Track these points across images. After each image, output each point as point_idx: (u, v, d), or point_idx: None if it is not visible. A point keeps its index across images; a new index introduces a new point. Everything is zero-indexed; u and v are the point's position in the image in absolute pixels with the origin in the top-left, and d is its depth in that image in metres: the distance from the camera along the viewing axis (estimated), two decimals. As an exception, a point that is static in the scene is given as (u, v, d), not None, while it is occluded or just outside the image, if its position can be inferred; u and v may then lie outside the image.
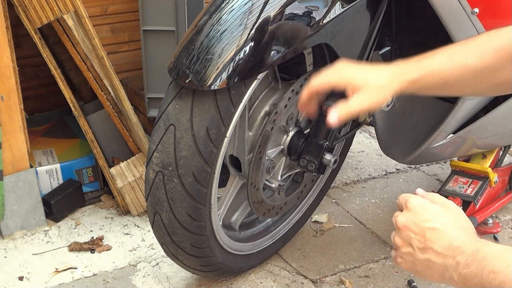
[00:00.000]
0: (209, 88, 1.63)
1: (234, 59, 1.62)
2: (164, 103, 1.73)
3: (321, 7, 1.71)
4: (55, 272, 2.15)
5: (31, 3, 2.16)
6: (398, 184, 2.70)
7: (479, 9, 1.80)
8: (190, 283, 2.11)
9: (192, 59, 1.65)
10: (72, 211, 2.45)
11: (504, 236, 2.34)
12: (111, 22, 2.74)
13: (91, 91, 2.41)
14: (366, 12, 1.83)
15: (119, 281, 2.11)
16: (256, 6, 1.66)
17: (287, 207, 2.12)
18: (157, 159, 1.73)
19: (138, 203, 2.42)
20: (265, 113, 1.87)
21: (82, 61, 2.30)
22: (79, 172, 2.51)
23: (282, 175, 2.02)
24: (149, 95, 2.56)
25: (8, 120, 2.19)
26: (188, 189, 1.72)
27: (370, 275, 2.16)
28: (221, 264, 1.98)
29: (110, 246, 2.27)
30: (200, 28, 1.69)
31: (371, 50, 1.90)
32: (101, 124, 2.47)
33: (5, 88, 2.16)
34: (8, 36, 2.14)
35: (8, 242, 2.28)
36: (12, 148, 2.22)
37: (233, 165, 1.93)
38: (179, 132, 1.68)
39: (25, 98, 2.30)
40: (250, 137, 1.87)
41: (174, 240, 1.83)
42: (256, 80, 1.71)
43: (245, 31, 1.64)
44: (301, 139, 1.93)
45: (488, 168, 2.30)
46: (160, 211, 1.78)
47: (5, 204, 2.25)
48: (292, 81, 1.90)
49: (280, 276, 2.16)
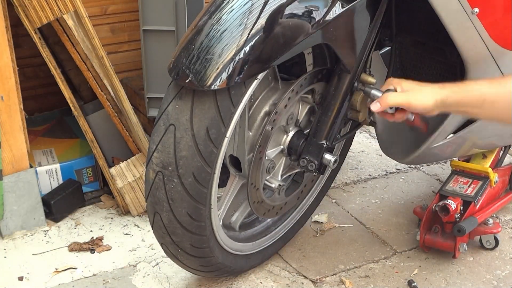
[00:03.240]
0: (209, 88, 1.63)
1: (234, 59, 1.62)
2: (164, 103, 1.73)
3: (321, 7, 1.71)
4: (55, 272, 2.15)
5: (31, 3, 2.16)
6: (398, 184, 2.70)
7: (479, 9, 1.80)
8: (190, 283, 2.11)
9: (192, 59, 1.65)
10: (72, 211, 2.45)
11: (504, 236, 2.34)
12: (111, 22, 2.74)
13: (91, 91, 2.41)
14: (366, 12, 1.83)
15: (119, 281, 2.11)
16: (256, 6, 1.66)
17: (287, 207, 2.12)
18: (157, 159, 1.73)
19: (138, 203, 2.42)
20: (265, 113, 1.87)
21: (82, 61, 2.30)
22: (79, 172, 2.51)
23: (282, 175, 2.02)
24: (149, 95, 2.56)
25: (8, 120, 2.19)
26: (188, 189, 1.72)
27: (370, 275, 2.16)
28: (221, 264, 1.98)
29: (110, 246, 2.27)
30: (200, 28, 1.69)
31: (371, 50, 1.91)
32: (101, 124, 2.47)
33: (5, 88, 2.16)
34: (8, 36, 2.14)
35: (8, 242, 2.28)
36: (12, 148, 2.22)
37: (233, 165, 1.93)
38: (179, 132, 1.68)
39: (25, 98, 2.30)
40: (250, 137, 1.87)
41: (174, 240, 1.83)
42: (256, 80, 1.71)
43: (245, 31, 1.64)
44: (301, 139, 1.93)
45: (488, 168, 2.30)
46: (160, 211, 1.78)
47: (5, 204, 2.25)
48: (292, 81, 1.90)
49: (280, 276, 2.15)
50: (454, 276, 2.16)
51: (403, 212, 2.50)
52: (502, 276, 2.16)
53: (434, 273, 2.17)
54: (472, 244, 2.27)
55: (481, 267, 2.20)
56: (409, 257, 2.25)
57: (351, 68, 1.85)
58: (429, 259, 2.23)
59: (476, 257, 2.24)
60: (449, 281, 2.13)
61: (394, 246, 2.30)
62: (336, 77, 1.89)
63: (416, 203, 2.50)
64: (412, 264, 2.22)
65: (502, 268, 2.20)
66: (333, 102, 1.89)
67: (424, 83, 1.67)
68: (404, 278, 2.15)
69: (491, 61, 1.92)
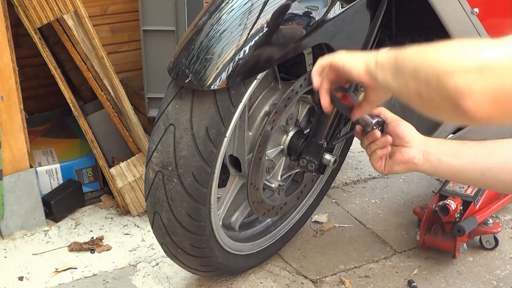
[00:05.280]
0: (208, 88, 1.63)
1: (234, 59, 1.62)
2: (163, 103, 1.73)
3: (321, 7, 1.71)
4: (55, 272, 2.15)
5: (31, 3, 2.16)
6: (398, 184, 2.70)
7: (479, 9, 1.81)
8: (190, 283, 2.11)
9: (192, 59, 1.65)
10: (72, 211, 2.45)
11: (504, 236, 2.34)
12: (111, 22, 2.74)
13: (91, 91, 2.41)
14: (366, 12, 1.84)
15: (119, 281, 2.11)
16: (255, 6, 1.66)
17: (287, 207, 2.12)
18: (156, 159, 1.73)
19: (138, 203, 2.42)
20: (264, 113, 1.87)
21: (82, 61, 2.30)
22: (79, 172, 2.51)
23: (282, 175, 2.02)
24: (149, 95, 2.56)
25: (8, 120, 2.19)
26: (188, 189, 1.72)
27: (370, 275, 2.16)
28: (221, 264, 1.98)
29: (110, 246, 2.27)
30: (200, 28, 1.69)
31: (371, 50, 1.90)
32: (101, 124, 2.47)
33: (5, 88, 2.16)
34: (8, 36, 2.14)
35: (8, 242, 2.28)
36: (12, 148, 2.22)
37: (233, 165, 1.93)
38: (179, 132, 1.68)
39: (25, 98, 2.30)
40: (250, 137, 1.87)
41: (174, 240, 1.83)
42: (256, 80, 1.71)
43: (244, 31, 1.64)
44: (301, 139, 1.93)
45: (488, 168, 2.29)
46: (160, 211, 1.78)
47: (5, 204, 2.25)
48: (291, 81, 1.90)
49: (280, 276, 2.15)
50: (454, 276, 2.16)
51: (403, 212, 2.50)
52: (502, 276, 2.16)
53: (434, 273, 2.17)
54: (472, 244, 2.27)
55: (481, 267, 2.20)
56: (409, 257, 2.25)
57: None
58: (429, 259, 2.23)
59: (476, 257, 2.24)
60: (449, 281, 2.13)
61: (394, 246, 2.30)
62: (336, 77, 1.89)
63: (416, 203, 2.50)
64: (412, 264, 2.22)
65: (502, 268, 2.20)
66: (333, 102, 1.89)
67: None
68: (404, 278, 2.15)
69: (491, 61, 1.92)
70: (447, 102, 1.08)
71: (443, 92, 1.09)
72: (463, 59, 1.07)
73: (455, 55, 1.09)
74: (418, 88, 1.15)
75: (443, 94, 1.09)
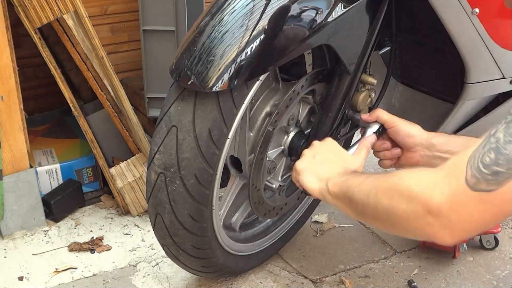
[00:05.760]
0: (211, 89, 1.63)
1: (236, 61, 1.62)
2: (166, 105, 1.72)
3: (322, 8, 1.71)
4: (55, 272, 2.15)
5: (31, 3, 2.15)
6: (398, 184, 2.69)
7: (479, 9, 1.80)
8: (190, 283, 2.11)
9: (194, 60, 1.65)
10: (72, 211, 2.45)
11: (504, 236, 2.34)
12: (111, 22, 2.74)
13: (91, 91, 2.41)
14: (367, 13, 1.83)
15: (119, 281, 2.11)
16: (257, 7, 1.66)
17: (288, 207, 2.12)
18: (159, 161, 1.72)
19: (138, 203, 2.42)
20: (266, 114, 1.87)
21: (82, 61, 2.30)
22: (79, 172, 2.51)
23: (282, 175, 2.02)
24: (149, 95, 2.56)
25: (8, 120, 2.19)
26: (190, 190, 1.72)
27: (370, 275, 2.17)
28: (222, 265, 1.98)
29: (110, 246, 2.27)
30: (201, 29, 1.68)
31: (371, 51, 1.91)
32: (101, 124, 2.47)
33: (5, 88, 2.15)
34: (8, 36, 2.14)
35: (8, 242, 2.28)
36: (12, 148, 2.22)
37: (234, 166, 1.93)
38: (181, 133, 1.68)
39: (25, 98, 2.29)
40: (251, 138, 1.87)
41: (176, 241, 1.83)
42: (258, 81, 1.71)
43: (246, 32, 1.64)
44: (302, 139, 1.93)
45: (488, 168, 2.30)
46: (161, 212, 1.78)
47: (5, 204, 2.25)
48: (293, 81, 1.90)
49: (280, 276, 2.16)
50: (454, 276, 2.16)
51: (402, 212, 2.49)
52: (502, 276, 2.17)
53: (434, 273, 2.17)
54: (472, 244, 2.28)
55: (481, 267, 2.21)
56: (409, 257, 2.26)
57: (351, 68, 1.85)
58: (429, 259, 2.24)
59: (476, 257, 2.25)
60: (449, 281, 2.14)
61: (394, 246, 2.31)
62: (336, 78, 1.89)
63: (415, 203, 2.50)
64: (412, 264, 2.22)
65: (502, 268, 2.20)
66: (333, 103, 1.89)
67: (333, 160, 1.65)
68: (404, 278, 2.15)
69: (491, 61, 1.93)
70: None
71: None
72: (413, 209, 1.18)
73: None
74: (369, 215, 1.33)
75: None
